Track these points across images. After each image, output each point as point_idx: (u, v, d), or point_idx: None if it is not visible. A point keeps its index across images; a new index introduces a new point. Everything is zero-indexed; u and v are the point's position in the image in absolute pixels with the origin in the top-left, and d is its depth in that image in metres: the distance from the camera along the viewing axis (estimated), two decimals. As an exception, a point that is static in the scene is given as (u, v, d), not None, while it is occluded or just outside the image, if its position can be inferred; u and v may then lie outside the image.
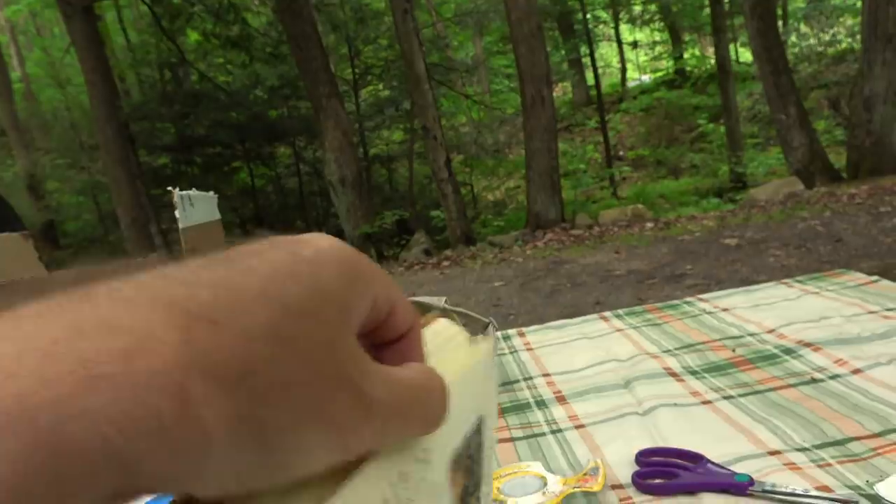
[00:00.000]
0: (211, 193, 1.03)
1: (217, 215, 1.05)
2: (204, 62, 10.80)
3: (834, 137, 9.71)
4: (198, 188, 0.91)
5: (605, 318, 1.03)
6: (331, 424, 0.16)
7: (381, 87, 11.23)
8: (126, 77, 10.94)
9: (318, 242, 0.18)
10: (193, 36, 10.43)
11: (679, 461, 0.55)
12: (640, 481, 0.53)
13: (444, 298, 0.86)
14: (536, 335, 1.01)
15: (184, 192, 0.81)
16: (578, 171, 11.02)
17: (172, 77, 10.91)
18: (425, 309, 0.86)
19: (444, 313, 0.88)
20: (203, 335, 0.14)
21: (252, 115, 10.34)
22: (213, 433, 0.14)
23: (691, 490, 0.51)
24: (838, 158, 8.49)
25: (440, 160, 7.91)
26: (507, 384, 0.82)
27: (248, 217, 11.07)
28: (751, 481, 0.50)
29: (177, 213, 0.74)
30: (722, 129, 10.37)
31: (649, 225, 6.81)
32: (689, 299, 1.05)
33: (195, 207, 0.87)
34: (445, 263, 6.94)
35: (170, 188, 0.75)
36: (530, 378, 0.83)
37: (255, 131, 10.39)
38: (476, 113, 12.01)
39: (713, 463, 0.54)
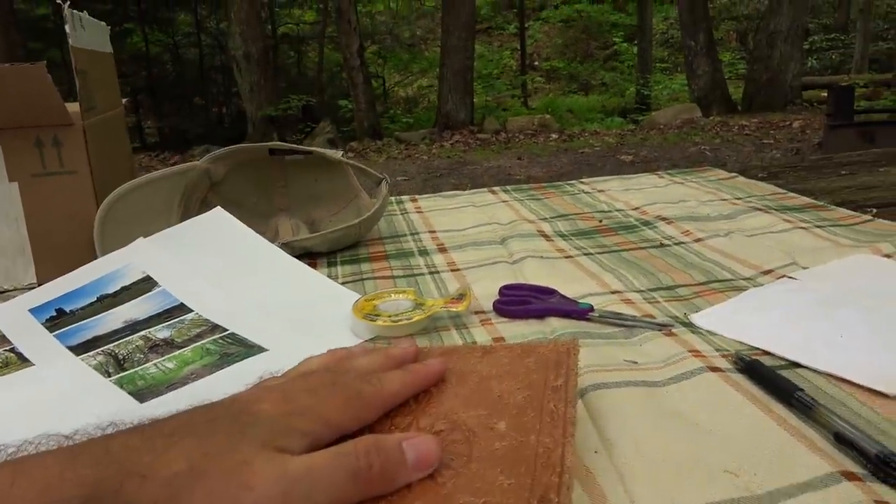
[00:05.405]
0: (103, 24, 0.99)
1: (109, 49, 1.01)
2: None
3: (736, 70, 10.10)
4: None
5: (493, 192, 1.09)
6: None
7: (295, -40, 10.53)
8: None
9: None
10: None
11: (535, 295, 0.62)
12: (500, 307, 0.61)
13: (341, 152, 0.89)
14: (427, 201, 1.07)
15: (75, 11, 0.78)
16: (492, 76, 10.95)
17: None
18: (325, 161, 0.89)
19: (342, 166, 0.90)
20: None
21: (150, -28, 9.46)
22: None
23: (540, 315, 0.59)
24: (736, 91, 8.89)
25: (353, 46, 7.63)
26: (394, 237, 0.88)
27: (141, 86, 10.31)
28: (591, 308, 0.58)
29: (67, 28, 0.71)
30: (635, 49, 10.55)
31: (554, 136, 6.97)
32: (572, 181, 1.13)
33: (86, 31, 0.84)
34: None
35: (59, 0, 0.72)
36: (416, 233, 0.89)
37: (152, -8, 9.54)
38: (394, 1, 11.55)
39: (563, 296, 0.62)
